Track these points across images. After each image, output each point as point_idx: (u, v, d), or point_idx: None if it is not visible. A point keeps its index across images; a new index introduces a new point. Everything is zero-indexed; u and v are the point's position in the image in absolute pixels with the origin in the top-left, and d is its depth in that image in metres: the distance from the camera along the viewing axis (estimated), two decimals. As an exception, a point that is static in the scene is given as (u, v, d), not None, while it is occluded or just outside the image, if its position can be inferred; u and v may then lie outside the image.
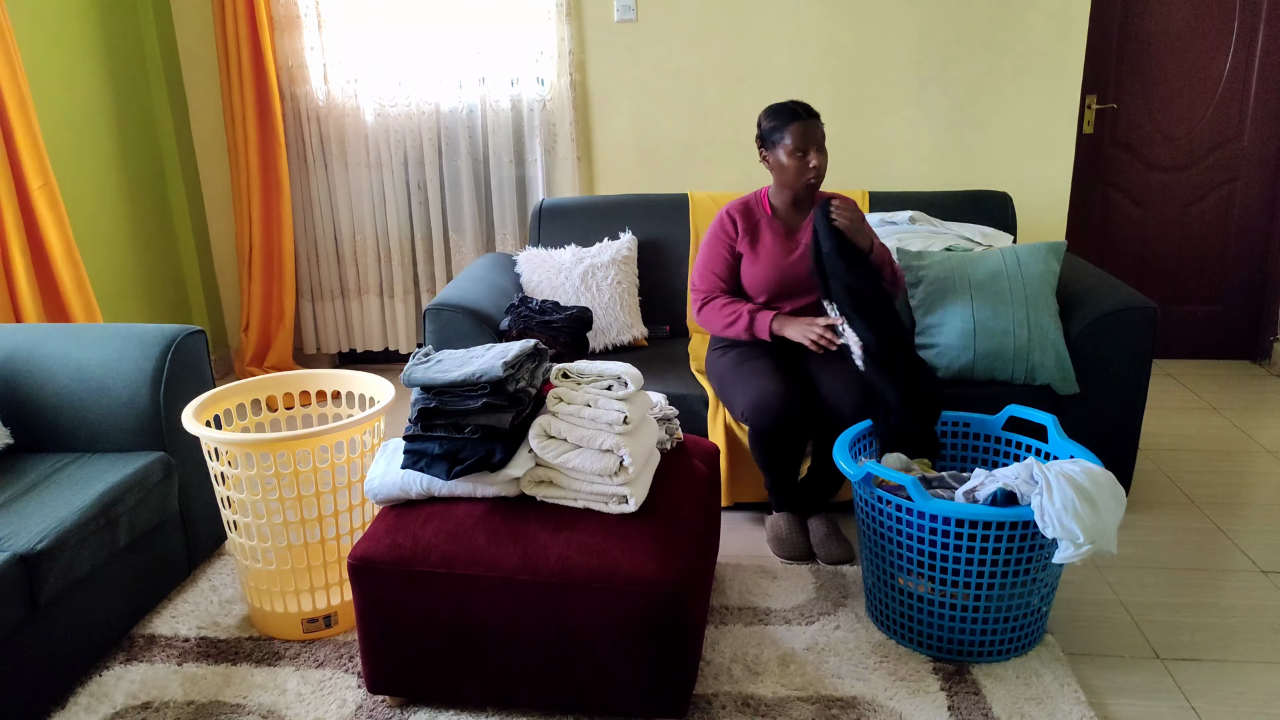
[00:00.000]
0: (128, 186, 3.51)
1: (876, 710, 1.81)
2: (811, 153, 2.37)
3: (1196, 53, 3.62)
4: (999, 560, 1.87)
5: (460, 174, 3.72)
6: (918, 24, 3.49)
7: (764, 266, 2.49)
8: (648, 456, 1.84)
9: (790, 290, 2.50)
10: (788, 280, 2.49)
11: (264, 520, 2.00)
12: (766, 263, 2.49)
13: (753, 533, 2.55)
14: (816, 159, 2.37)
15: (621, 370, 1.78)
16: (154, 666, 1.99)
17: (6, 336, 2.27)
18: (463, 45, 3.59)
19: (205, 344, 2.36)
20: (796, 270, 2.48)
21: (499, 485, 1.78)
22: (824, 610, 2.15)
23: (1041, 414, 2.17)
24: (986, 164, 3.61)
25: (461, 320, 2.63)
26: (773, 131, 2.40)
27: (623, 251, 3.03)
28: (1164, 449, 3.05)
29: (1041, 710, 1.80)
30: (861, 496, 2.04)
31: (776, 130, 2.39)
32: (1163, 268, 3.89)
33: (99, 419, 2.19)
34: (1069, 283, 2.69)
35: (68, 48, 3.20)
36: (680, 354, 2.89)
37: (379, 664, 1.80)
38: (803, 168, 2.38)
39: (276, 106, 3.62)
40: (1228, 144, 3.71)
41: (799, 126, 2.35)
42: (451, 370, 1.75)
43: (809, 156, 2.37)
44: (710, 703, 1.84)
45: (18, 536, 1.79)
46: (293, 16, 3.59)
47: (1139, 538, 2.48)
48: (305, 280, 3.93)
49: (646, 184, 3.73)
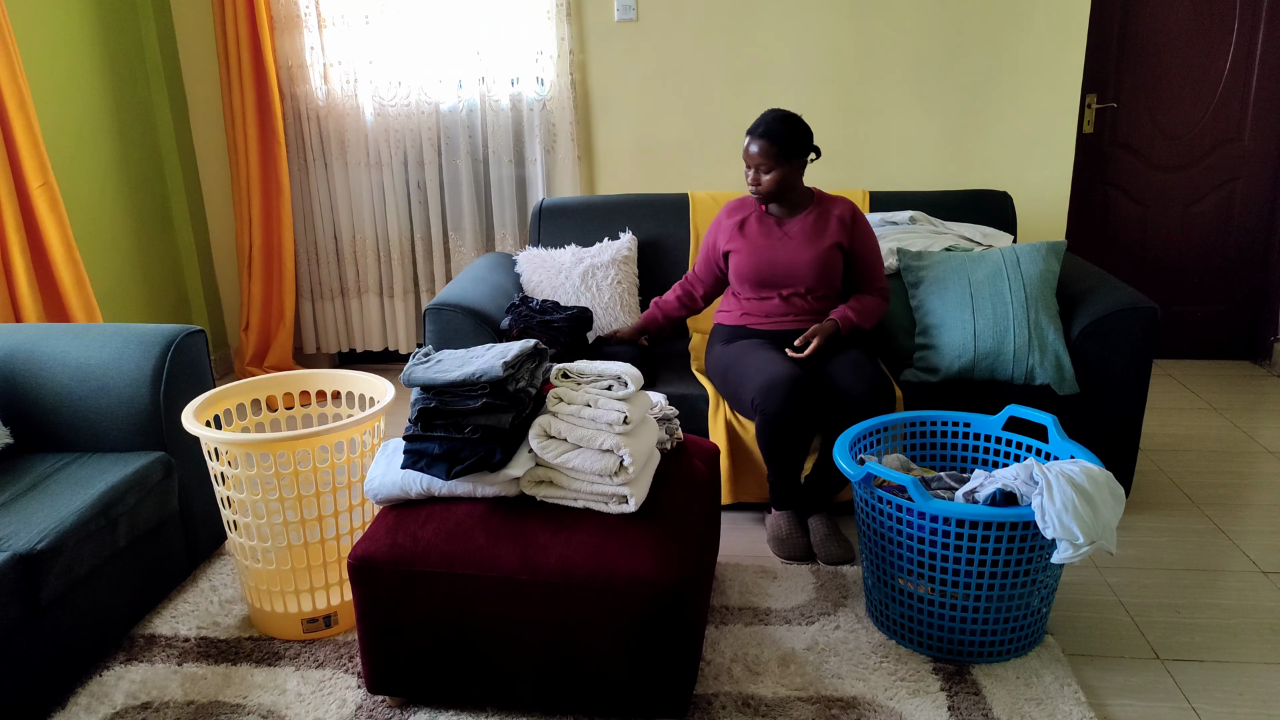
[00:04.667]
0: (128, 186, 3.51)
1: (876, 710, 1.81)
2: (753, 170, 2.49)
3: (1196, 52, 3.62)
4: (999, 561, 1.87)
5: (460, 174, 3.71)
6: (918, 24, 3.49)
7: (747, 253, 2.56)
8: (648, 456, 1.84)
9: (774, 279, 2.54)
10: (769, 267, 2.54)
11: (264, 520, 1.99)
12: (749, 250, 2.56)
13: (753, 533, 2.55)
14: (755, 178, 2.50)
15: (621, 370, 1.78)
16: (154, 666, 1.99)
17: (6, 336, 2.27)
18: (463, 45, 3.59)
19: (205, 344, 2.36)
20: (777, 259, 2.53)
21: (499, 485, 1.77)
22: (824, 610, 2.15)
23: (1041, 414, 2.17)
24: (986, 164, 3.61)
25: (461, 320, 2.63)
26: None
27: (623, 251, 3.03)
28: (1164, 449, 3.05)
29: (1041, 711, 1.80)
30: (861, 497, 2.04)
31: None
32: (1163, 268, 3.89)
33: (99, 419, 2.19)
34: (1069, 283, 2.69)
35: (68, 48, 3.20)
36: (680, 354, 2.89)
37: (379, 664, 1.80)
38: (750, 181, 2.52)
39: (276, 106, 3.62)
40: (1228, 144, 3.71)
41: (746, 143, 2.49)
42: (451, 370, 1.75)
43: (749, 172, 2.50)
44: (710, 703, 1.84)
45: (18, 536, 1.79)
46: (293, 16, 3.59)
47: (1139, 538, 2.48)
48: (305, 280, 3.93)
49: (646, 184, 3.73)
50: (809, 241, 2.52)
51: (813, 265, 2.51)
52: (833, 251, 2.52)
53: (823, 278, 2.52)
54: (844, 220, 2.54)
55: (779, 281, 2.54)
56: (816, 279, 2.52)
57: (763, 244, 2.55)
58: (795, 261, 2.51)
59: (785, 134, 2.44)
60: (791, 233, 2.54)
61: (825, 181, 3.39)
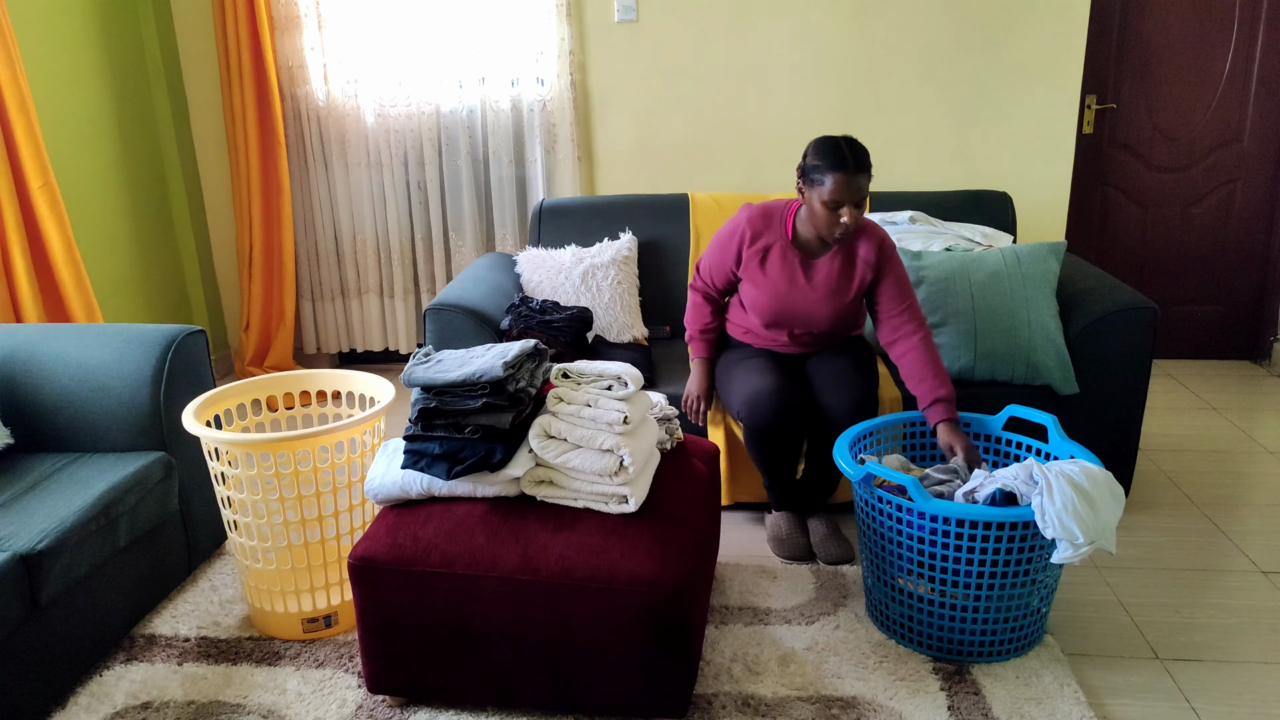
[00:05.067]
0: (128, 186, 3.51)
1: (876, 710, 1.81)
2: (847, 209, 2.16)
3: (1196, 53, 3.62)
4: (999, 561, 1.87)
5: (460, 174, 3.72)
6: (918, 24, 3.49)
7: (764, 293, 2.36)
8: (648, 456, 1.84)
9: (790, 320, 2.39)
10: (785, 315, 2.38)
11: (264, 520, 2.00)
12: (767, 289, 2.36)
13: (753, 533, 2.55)
14: (850, 215, 2.16)
15: (621, 370, 1.78)
16: (154, 666, 1.99)
17: (6, 336, 2.27)
18: (463, 45, 3.59)
19: (205, 344, 2.36)
20: (796, 309, 2.36)
21: (499, 485, 1.78)
22: (824, 610, 2.15)
23: (1041, 414, 2.17)
24: (987, 164, 3.61)
25: (461, 320, 2.63)
26: (815, 170, 2.17)
27: (623, 251, 3.03)
28: (1164, 449, 3.05)
29: (1041, 710, 1.80)
30: (861, 496, 2.04)
31: (819, 171, 2.16)
32: (1163, 268, 3.89)
33: (99, 419, 2.19)
34: (1069, 283, 2.69)
35: (68, 48, 3.20)
36: (680, 354, 2.89)
37: (379, 664, 1.80)
38: (833, 221, 2.19)
39: (277, 107, 3.62)
40: (1228, 144, 3.71)
41: (841, 179, 2.13)
42: (451, 370, 1.75)
43: (841, 211, 2.17)
44: (710, 703, 1.84)
45: (18, 536, 1.79)
46: (293, 16, 3.59)
47: (1139, 538, 2.48)
48: (305, 280, 3.93)
49: (646, 184, 3.73)
50: (832, 293, 2.33)
51: (830, 319, 2.36)
52: (856, 302, 2.36)
53: (840, 326, 2.40)
54: (870, 263, 2.31)
55: (793, 324, 2.40)
56: (832, 327, 2.39)
57: (783, 288, 2.34)
58: (814, 315, 2.36)
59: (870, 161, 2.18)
60: (816, 280, 2.33)
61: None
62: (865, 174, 2.15)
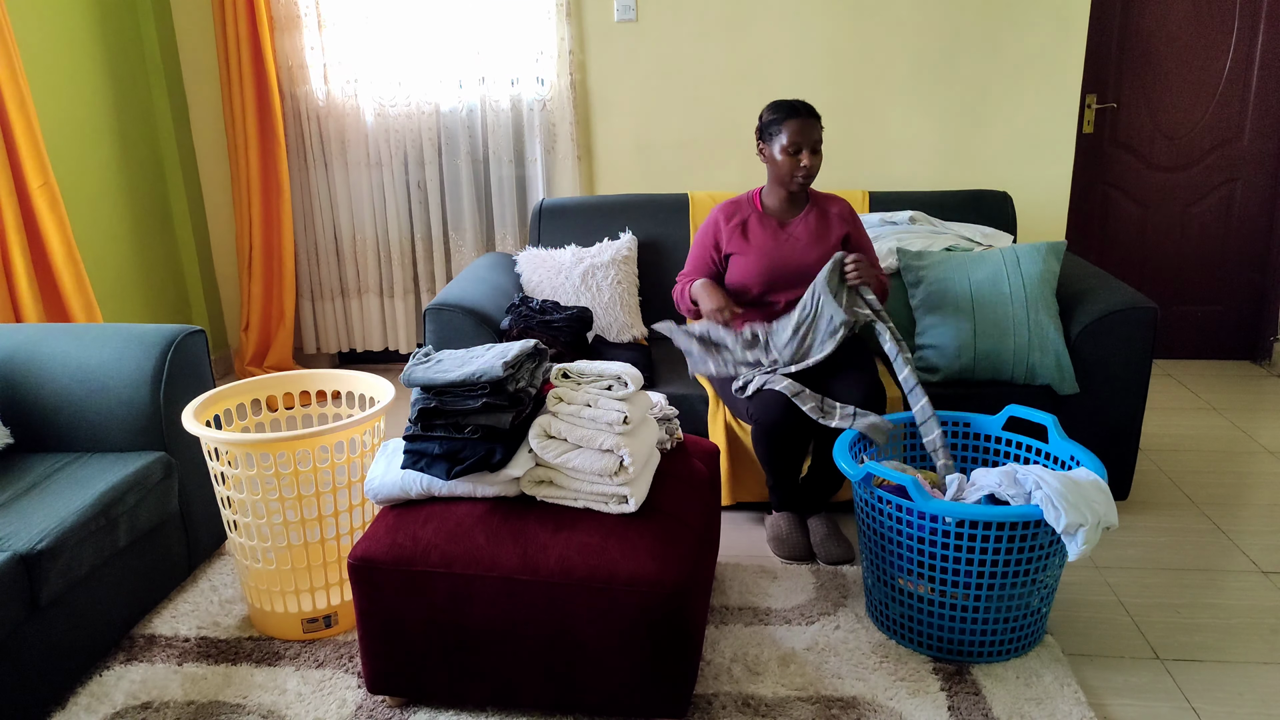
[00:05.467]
0: (128, 186, 3.51)
1: (876, 710, 1.81)
2: (805, 153, 2.39)
3: (1196, 53, 3.62)
4: (999, 561, 1.87)
5: (460, 174, 3.71)
6: (918, 24, 3.49)
7: (755, 257, 2.49)
8: (648, 456, 1.84)
9: (782, 281, 2.49)
10: (778, 270, 2.48)
11: (264, 520, 2.00)
12: (757, 253, 2.49)
13: (753, 533, 2.55)
14: (808, 159, 2.40)
15: (621, 370, 1.78)
16: (154, 666, 1.99)
17: (6, 336, 2.27)
18: (463, 45, 3.59)
19: (205, 344, 2.36)
20: (786, 260, 2.48)
21: (499, 485, 1.78)
22: (824, 610, 2.15)
23: (1041, 414, 2.17)
24: (986, 164, 3.61)
25: (461, 320, 2.63)
26: (771, 124, 2.42)
27: (623, 251, 3.03)
28: (1164, 449, 3.05)
29: (1041, 711, 1.80)
30: (861, 497, 2.04)
31: (775, 124, 2.41)
32: (1163, 268, 3.89)
33: (99, 419, 2.19)
34: (1069, 283, 2.69)
35: (68, 48, 3.20)
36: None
37: (379, 664, 1.80)
38: (793, 166, 2.41)
39: (276, 106, 3.62)
40: (1228, 144, 3.71)
41: (796, 124, 2.38)
42: (451, 370, 1.75)
43: (801, 155, 2.40)
44: (710, 703, 1.84)
45: (18, 536, 1.79)
46: (293, 16, 3.59)
47: (1139, 538, 2.48)
48: (305, 280, 3.93)
49: (646, 184, 3.73)
50: (814, 241, 2.49)
51: (820, 265, 2.42)
52: (838, 248, 2.47)
53: None
54: (844, 217, 2.52)
55: (787, 283, 2.49)
56: None
57: (769, 246, 2.50)
58: (804, 262, 2.46)
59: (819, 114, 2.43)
60: (796, 234, 2.50)
61: (825, 182, 3.39)
62: (817, 121, 2.40)
